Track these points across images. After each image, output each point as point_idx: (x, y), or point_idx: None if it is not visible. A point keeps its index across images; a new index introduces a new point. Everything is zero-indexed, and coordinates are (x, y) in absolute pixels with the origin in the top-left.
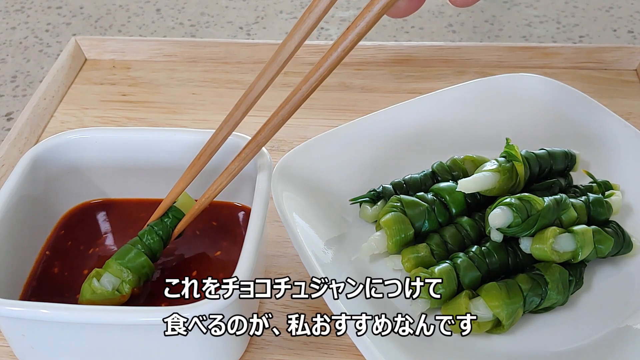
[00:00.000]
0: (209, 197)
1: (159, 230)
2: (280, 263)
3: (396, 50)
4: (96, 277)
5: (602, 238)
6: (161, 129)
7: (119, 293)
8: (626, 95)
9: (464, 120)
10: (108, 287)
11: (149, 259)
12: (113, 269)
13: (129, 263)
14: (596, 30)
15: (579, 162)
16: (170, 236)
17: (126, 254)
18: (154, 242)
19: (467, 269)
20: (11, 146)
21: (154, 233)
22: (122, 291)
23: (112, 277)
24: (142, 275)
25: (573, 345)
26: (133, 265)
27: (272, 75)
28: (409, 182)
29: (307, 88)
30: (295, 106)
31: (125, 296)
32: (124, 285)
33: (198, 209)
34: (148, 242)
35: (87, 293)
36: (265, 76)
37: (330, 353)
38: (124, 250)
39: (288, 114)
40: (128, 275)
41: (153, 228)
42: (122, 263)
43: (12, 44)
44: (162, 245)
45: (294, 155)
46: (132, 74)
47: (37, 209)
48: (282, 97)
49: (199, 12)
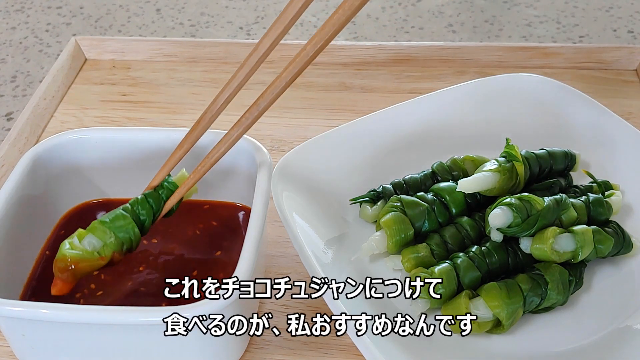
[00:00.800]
0: (204, 166)
1: (150, 199)
2: (280, 263)
3: (396, 50)
4: (78, 236)
5: (602, 238)
6: (161, 129)
7: (98, 255)
8: (626, 95)
9: (464, 120)
10: (88, 247)
11: (135, 225)
12: (97, 230)
13: (113, 226)
14: (596, 30)
15: (579, 162)
16: (162, 208)
17: (113, 218)
18: (144, 210)
19: (467, 269)
20: (11, 146)
21: (146, 202)
22: (102, 253)
23: (94, 239)
24: (126, 240)
25: (573, 345)
26: (118, 229)
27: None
28: (409, 182)
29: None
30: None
31: (104, 258)
32: (104, 249)
33: (192, 180)
34: (137, 210)
35: (64, 247)
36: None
37: (330, 353)
38: (112, 213)
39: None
40: (110, 237)
41: (145, 197)
42: (107, 224)
43: (12, 44)
44: (152, 215)
45: (294, 155)
46: (132, 74)
47: (37, 209)
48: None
49: (199, 12)
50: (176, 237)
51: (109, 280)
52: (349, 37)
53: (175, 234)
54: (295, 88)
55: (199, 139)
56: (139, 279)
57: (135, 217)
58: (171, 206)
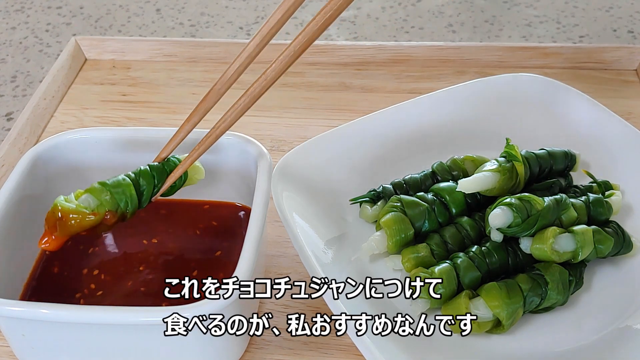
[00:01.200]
0: (210, 137)
1: (153, 172)
2: (280, 263)
3: (396, 50)
4: (75, 195)
5: (602, 238)
6: (161, 129)
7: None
8: (626, 95)
9: (464, 120)
10: (83, 203)
11: (134, 189)
12: (95, 190)
13: (112, 186)
14: (596, 30)
15: (579, 162)
16: (163, 182)
17: (114, 181)
18: (146, 180)
19: (467, 269)
20: (11, 146)
21: (148, 172)
22: (96, 210)
23: (90, 197)
24: (122, 202)
25: (573, 345)
26: (115, 188)
27: None
28: (409, 182)
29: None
30: None
31: (96, 214)
32: (98, 207)
33: (197, 153)
34: (139, 179)
35: (59, 201)
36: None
37: (330, 353)
38: (114, 178)
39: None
40: (106, 196)
41: (149, 168)
42: (107, 186)
43: (12, 44)
44: (152, 186)
45: (294, 155)
46: (132, 74)
47: (37, 209)
48: (280, 97)
49: (199, 12)
50: (176, 237)
51: (109, 280)
52: (349, 37)
53: (175, 234)
54: (295, 88)
55: (209, 110)
56: (139, 279)
57: (136, 184)
58: (174, 180)
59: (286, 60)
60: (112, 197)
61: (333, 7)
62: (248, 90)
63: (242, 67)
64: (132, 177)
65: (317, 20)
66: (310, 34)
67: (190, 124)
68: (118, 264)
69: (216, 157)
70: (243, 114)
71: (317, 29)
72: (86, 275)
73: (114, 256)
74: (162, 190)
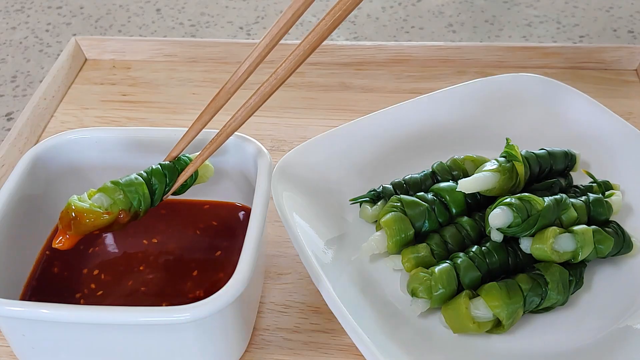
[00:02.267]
0: (221, 136)
1: (165, 171)
2: (280, 263)
3: (396, 50)
4: (89, 194)
5: (602, 238)
6: (161, 129)
7: (105, 209)
8: (626, 95)
9: (464, 120)
10: (96, 202)
11: (146, 188)
12: (108, 189)
13: (125, 185)
14: (596, 30)
15: (579, 162)
16: (175, 181)
17: (127, 180)
18: (157, 178)
19: (467, 269)
20: (11, 146)
21: (160, 171)
22: (109, 209)
23: (103, 197)
24: (135, 200)
25: (573, 346)
26: (128, 187)
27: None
28: (409, 182)
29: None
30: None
31: (110, 213)
32: (112, 206)
33: (208, 152)
34: (151, 177)
35: (73, 200)
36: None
37: (330, 353)
38: (126, 177)
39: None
40: (120, 195)
41: (161, 167)
42: (119, 185)
43: (12, 44)
44: (164, 184)
45: (294, 155)
46: (132, 74)
47: (37, 209)
48: (280, 97)
49: (199, 12)
50: (176, 237)
51: (109, 280)
52: (349, 37)
53: (175, 234)
54: (295, 88)
55: (220, 109)
56: (139, 279)
57: (148, 183)
58: (185, 179)
59: (296, 59)
60: (125, 196)
61: (342, 7)
62: (259, 89)
63: (253, 67)
64: (144, 176)
65: (326, 20)
66: (320, 33)
67: (201, 123)
68: (118, 264)
69: (216, 157)
70: (254, 112)
71: (327, 29)
72: (86, 275)
73: (114, 256)
74: (173, 188)
